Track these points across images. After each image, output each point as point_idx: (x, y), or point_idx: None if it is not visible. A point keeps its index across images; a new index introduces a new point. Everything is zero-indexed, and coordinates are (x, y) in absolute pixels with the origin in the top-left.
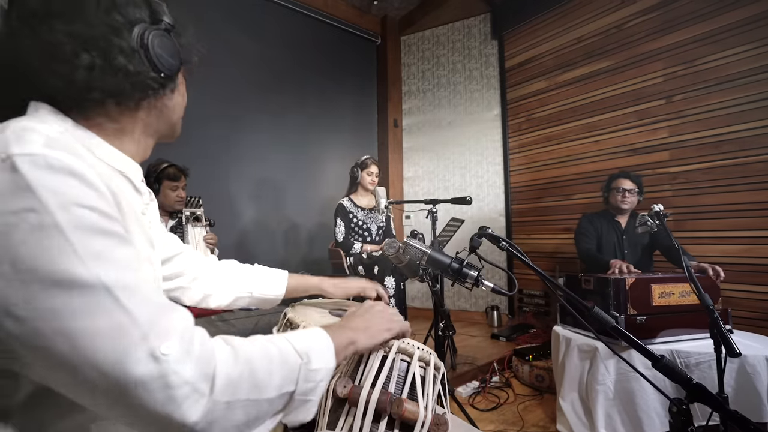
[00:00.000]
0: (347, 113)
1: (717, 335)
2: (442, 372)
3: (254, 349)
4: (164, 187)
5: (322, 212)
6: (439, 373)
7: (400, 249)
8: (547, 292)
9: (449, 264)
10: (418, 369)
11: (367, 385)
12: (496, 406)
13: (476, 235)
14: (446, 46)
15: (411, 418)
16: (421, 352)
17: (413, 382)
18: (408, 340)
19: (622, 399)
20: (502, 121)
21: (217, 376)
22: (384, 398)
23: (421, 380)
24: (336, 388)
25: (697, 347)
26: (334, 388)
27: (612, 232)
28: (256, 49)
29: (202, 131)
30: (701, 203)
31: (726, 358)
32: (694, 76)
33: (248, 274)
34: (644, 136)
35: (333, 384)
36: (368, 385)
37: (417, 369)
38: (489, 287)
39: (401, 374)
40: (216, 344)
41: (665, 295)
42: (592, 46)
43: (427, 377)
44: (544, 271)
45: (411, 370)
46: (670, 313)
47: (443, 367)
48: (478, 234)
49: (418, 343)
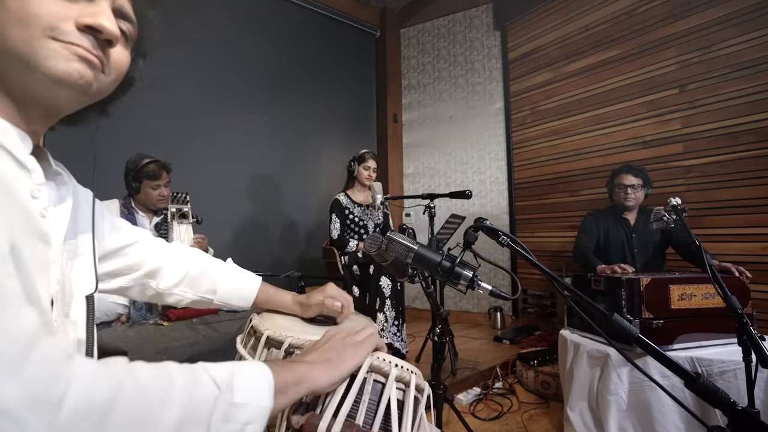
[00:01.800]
0: (345, 108)
1: (747, 342)
2: (427, 395)
3: (147, 373)
4: (144, 186)
5: (320, 210)
6: (423, 395)
7: (383, 245)
8: (553, 292)
9: (439, 262)
10: (395, 392)
11: (329, 413)
12: (498, 414)
13: (472, 229)
14: (447, 38)
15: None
16: (399, 370)
17: (388, 408)
18: (383, 356)
19: (636, 411)
20: (505, 114)
21: (65, 404)
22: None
23: (399, 406)
24: (291, 418)
25: (720, 354)
26: (289, 416)
27: (619, 230)
28: (252, 41)
29: (195, 125)
30: (718, 198)
31: (757, 368)
32: (709, 63)
33: (214, 275)
34: (656, 128)
35: (288, 412)
36: (329, 414)
37: (393, 392)
38: (486, 290)
39: (374, 399)
40: (76, 361)
41: (686, 297)
42: (600, 34)
43: (407, 402)
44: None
45: (386, 394)
46: (691, 316)
47: (428, 388)
48: (473, 227)
49: (396, 359)
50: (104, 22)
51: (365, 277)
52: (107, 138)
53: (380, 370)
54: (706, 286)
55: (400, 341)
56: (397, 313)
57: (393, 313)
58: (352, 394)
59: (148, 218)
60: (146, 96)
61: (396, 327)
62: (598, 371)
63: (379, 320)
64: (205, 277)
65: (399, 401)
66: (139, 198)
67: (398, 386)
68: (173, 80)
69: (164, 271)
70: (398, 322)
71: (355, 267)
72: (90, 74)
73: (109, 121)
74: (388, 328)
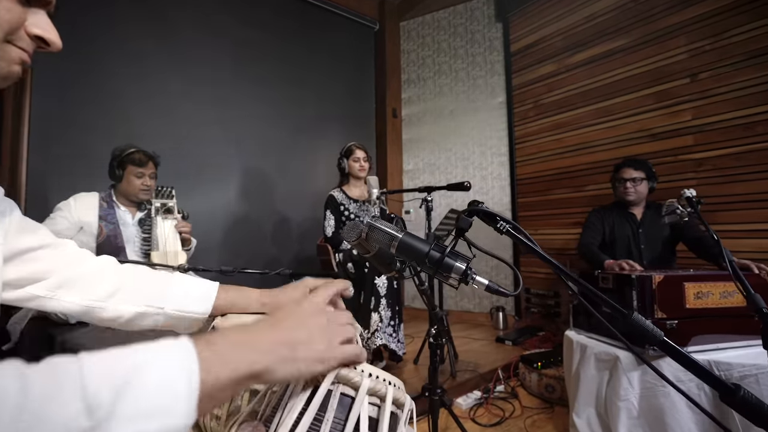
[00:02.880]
0: (343, 103)
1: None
2: (409, 410)
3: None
4: (128, 172)
5: (316, 207)
6: (403, 411)
7: (363, 233)
8: (557, 291)
9: (427, 252)
10: (367, 407)
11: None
12: (500, 420)
13: (465, 213)
14: (447, 31)
15: None
16: (373, 381)
17: (357, 428)
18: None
19: (648, 418)
20: (507, 108)
21: None
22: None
23: (372, 425)
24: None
25: (740, 358)
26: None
27: (626, 226)
28: (247, 33)
29: (187, 119)
30: (731, 192)
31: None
32: (721, 51)
33: (160, 282)
34: (665, 120)
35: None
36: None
37: (365, 408)
38: (482, 285)
39: (339, 417)
40: None
41: (702, 296)
42: (606, 23)
43: (382, 420)
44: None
45: (354, 410)
46: (708, 316)
47: (410, 402)
48: (467, 211)
49: (371, 367)
50: (55, 38)
51: (360, 276)
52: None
53: (349, 381)
54: (725, 284)
55: (396, 342)
56: (393, 313)
57: (389, 313)
58: (312, 411)
59: (130, 213)
60: (137, 88)
61: (392, 327)
62: (607, 375)
63: (374, 321)
64: (149, 285)
65: (372, 419)
66: (121, 188)
67: (371, 401)
68: (166, 73)
69: (87, 282)
70: (395, 322)
71: (349, 265)
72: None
73: (99, 114)
74: (383, 329)
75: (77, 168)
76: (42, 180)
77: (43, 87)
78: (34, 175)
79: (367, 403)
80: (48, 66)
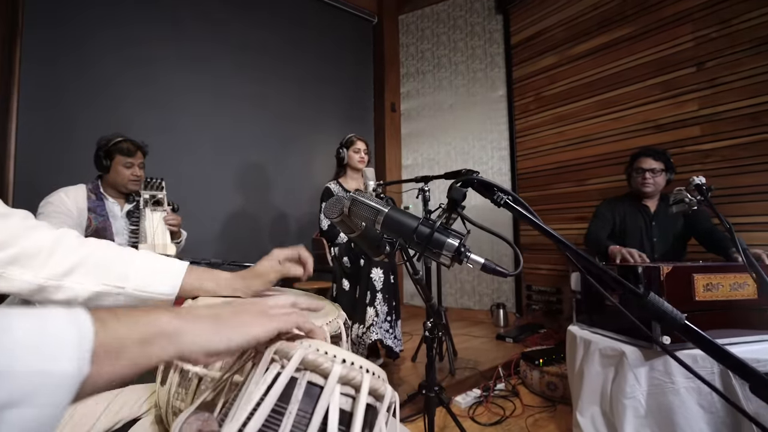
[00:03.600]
0: (341, 97)
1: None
2: (390, 403)
3: None
4: (116, 162)
5: (313, 202)
6: (383, 403)
7: (345, 208)
8: (559, 287)
9: (415, 228)
10: (338, 398)
11: (231, 428)
12: (500, 419)
13: (458, 183)
14: (447, 24)
15: None
16: (346, 368)
17: (324, 424)
18: (324, 347)
19: (656, 417)
20: (507, 102)
21: None
22: None
23: (345, 420)
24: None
25: (753, 352)
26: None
27: (638, 217)
28: (244, 26)
29: (182, 112)
30: (740, 184)
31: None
32: (729, 38)
33: (124, 259)
34: (671, 110)
35: (180, 425)
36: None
37: (335, 398)
38: (478, 263)
39: (305, 408)
40: None
41: (712, 288)
42: (609, 12)
43: (356, 413)
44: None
45: (322, 401)
46: (719, 309)
47: (393, 395)
48: (460, 180)
49: (346, 353)
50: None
51: (356, 270)
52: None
53: (317, 368)
54: (734, 275)
55: (393, 339)
56: (390, 308)
57: (385, 308)
58: (270, 401)
59: (119, 204)
60: (130, 78)
61: (389, 323)
62: (612, 371)
63: (369, 315)
64: (112, 262)
65: (345, 412)
66: (109, 179)
67: (344, 391)
68: (160, 63)
69: (43, 256)
70: (391, 318)
71: (345, 259)
72: None
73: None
74: (379, 324)
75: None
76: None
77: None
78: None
79: (338, 393)
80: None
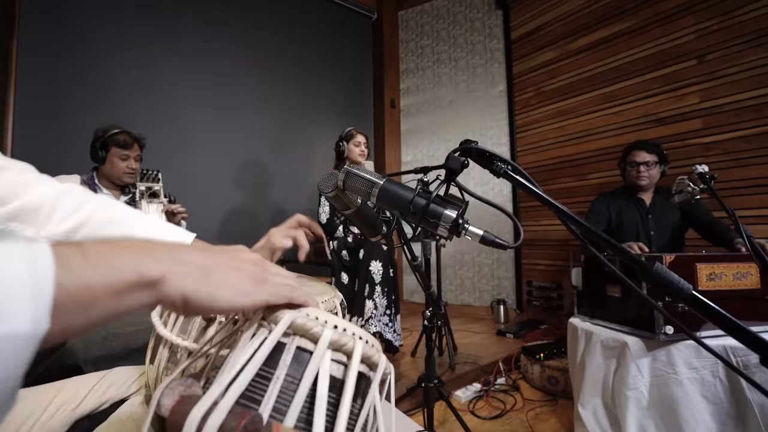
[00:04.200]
0: (341, 94)
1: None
2: (384, 374)
3: None
4: (112, 154)
5: (312, 198)
6: (377, 373)
7: (339, 182)
8: (560, 283)
9: (411, 199)
10: (329, 365)
11: (212, 393)
12: (501, 413)
13: (456, 153)
14: (447, 19)
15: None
16: (336, 333)
17: (313, 390)
18: (314, 312)
19: (659, 408)
20: (507, 97)
21: None
22: (232, 424)
23: (336, 386)
24: (161, 402)
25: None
26: (159, 401)
27: (634, 211)
28: (243, 22)
29: (181, 109)
30: (743, 176)
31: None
32: (731, 30)
33: (129, 220)
34: (671, 103)
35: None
36: (213, 395)
37: (325, 363)
38: (477, 235)
39: (294, 374)
40: None
41: (715, 277)
42: (609, 6)
43: (348, 381)
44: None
45: (312, 366)
46: (722, 299)
47: (387, 366)
48: (459, 150)
49: (337, 319)
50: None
51: (354, 263)
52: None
53: (307, 332)
54: (737, 265)
55: (392, 333)
56: (389, 302)
57: (384, 302)
58: (256, 363)
59: (113, 196)
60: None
61: (388, 317)
62: (614, 363)
63: (368, 308)
64: (116, 223)
65: (336, 379)
66: (104, 170)
67: (335, 358)
68: (159, 59)
69: (45, 213)
70: (390, 312)
71: (344, 252)
72: None
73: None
74: (378, 317)
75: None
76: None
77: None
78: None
79: (328, 359)
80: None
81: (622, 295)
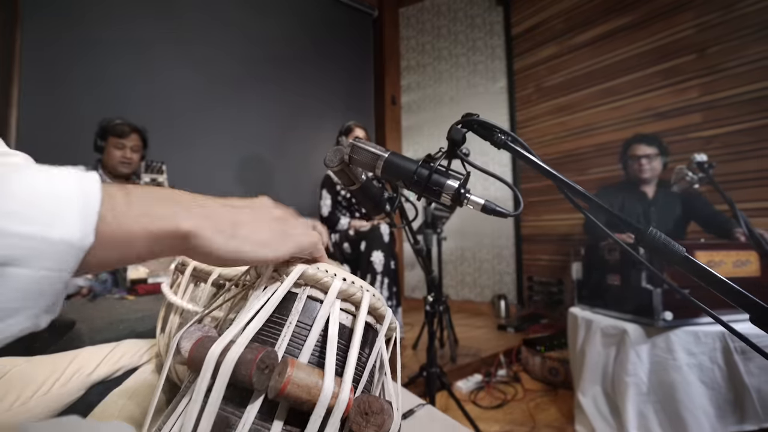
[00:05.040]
0: (341, 91)
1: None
2: (390, 327)
3: None
4: (109, 143)
5: (313, 194)
6: (383, 325)
7: (345, 155)
8: (560, 278)
9: (415, 170)
10: (338, 314)
11: (229, 334)
12: (502, 403)
13: (458, 125)
14: (447, 16)
15: (304, 399)
16: (345, 284)
17: (324, 336)
18: (323, 265)
19: (659, 394)
20: (508, 93)
21: None
22: (250, 357)
23: (345, 333)
24: (180, 345)
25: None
26: (179, 345)
27: (635, 204)
28: (243, 18)
29: (182, 107)
30: (743, 170)
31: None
32: (732, 23)
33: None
34: (671, 98)
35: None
36: (230, 335)
37: (335, 310)
38: (478, 204)
39: (305, 321)
40: None
41: (714, 265)
42: (609, 1)
43: (356, 329)
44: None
45: (322, 314)
46: None
47: (393, 320)
48: (462, 122)
49: (345, 272)
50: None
51: (356, 256)
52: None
53: (317, 282)
54: (737, 253)
55: None
56: (390, 293)
57: (386, 293)
58: (269, 308)
59: None
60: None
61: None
62: (614, 350)
63: None
64: None
65: (346, 327)
66: (105, 162)
67: (344, 307)
68: (161, 56)
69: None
70: (391, 304)
71: (345, 245)
72: None
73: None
74: None
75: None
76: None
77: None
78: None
79: (338, 307)
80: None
81: (622, 283)
